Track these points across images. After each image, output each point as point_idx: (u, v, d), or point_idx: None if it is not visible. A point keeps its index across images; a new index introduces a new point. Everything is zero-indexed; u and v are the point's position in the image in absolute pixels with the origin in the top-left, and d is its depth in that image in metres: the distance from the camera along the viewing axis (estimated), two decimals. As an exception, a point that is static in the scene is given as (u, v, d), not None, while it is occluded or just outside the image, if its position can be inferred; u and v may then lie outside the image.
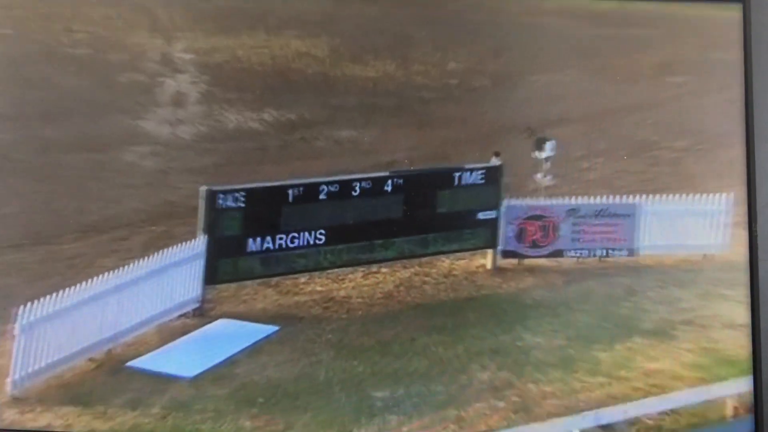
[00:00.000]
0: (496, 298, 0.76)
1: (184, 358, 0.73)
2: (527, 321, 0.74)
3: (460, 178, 0.80)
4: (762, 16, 0.59)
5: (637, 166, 0.82)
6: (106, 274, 0.73)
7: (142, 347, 0.73)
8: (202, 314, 0.74)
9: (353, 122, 0.76)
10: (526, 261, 0.80)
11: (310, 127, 0.77)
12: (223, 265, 0.76)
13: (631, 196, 0.83)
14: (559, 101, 0.79)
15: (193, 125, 0.79)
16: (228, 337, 0.73)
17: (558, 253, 0.80)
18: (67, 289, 0.72)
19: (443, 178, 0.79)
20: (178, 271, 0.75)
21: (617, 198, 0.82)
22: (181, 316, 0.74)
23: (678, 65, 0.82)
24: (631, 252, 0.80)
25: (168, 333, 0.74)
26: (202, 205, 0.75)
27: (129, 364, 0.72)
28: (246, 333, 0.73)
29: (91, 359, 0.72)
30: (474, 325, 0.74)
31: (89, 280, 0.72)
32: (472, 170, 0.80)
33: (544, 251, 0.80)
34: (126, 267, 0.73)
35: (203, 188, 0.75)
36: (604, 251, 0.80)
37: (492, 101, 0.78)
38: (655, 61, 0.83)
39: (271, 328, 0.73)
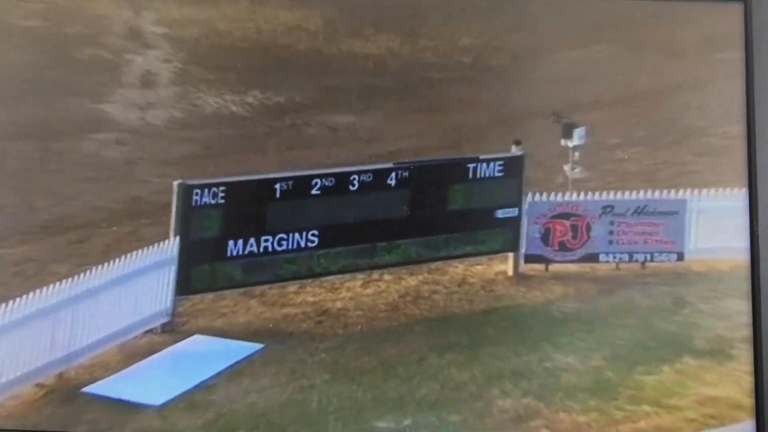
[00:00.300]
0: (519, 311, 0.71)
1: (150, 383, 0.67)
2: (556, 338, 0.69)
3: (475, 170, 0.75)
4: (763, 16, 0.60)
5: (683, 156, 0.75)
6: (58, 283, 0.69)
7: (101, 370, 0.68)
8: (172, 330, 0.70)
9: (351, 106, 0.74)
10: (554, 267, 0.74)
11: (302, 111, 0.74)
12: (198, 272, 0.71)
13: (676, 191, 0.75)
14: (590, 81, 0.75)
15: (166, 109, 0.73)
16: (203, 356, 0.68)
17: (591, 258, 0.74)
18: (11, 301, 0.68)
19: (456, 171, 0.74)
20: (144, 279, 0.70)
21: (660, 193, 0.75)
22: (147, 332, 0.69)
23: (727, 39, 0.74)
24: (679, 256, 0.75)
25: (132, 353, 0.68)
26: (174, 201, 0.70)
27: (85, 390, 0.67)
28: (225, 352, 0.68)
29: (39, 385, 0.67)
30: (493, 343, 0.69)
31: (38, 291, 0.69)
32: (489, 161, 0.75)
33: (575, 255, 0.74)
34: (83, 275, 0.70)
35: (176, 182, 0.71)
36: (647, 255, 0.75)
37: (512, 82, 0.74)
38: (700, 34, 0.75)
39: (254, 347, 0.68)
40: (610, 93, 0.74)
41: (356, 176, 0.72)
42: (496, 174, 0.74)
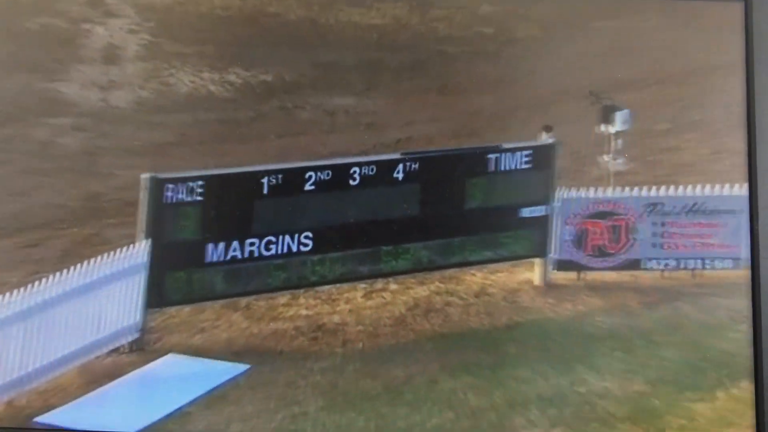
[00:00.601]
0: (548, 326, 0.66)
1: (117, 411, 0.62)
2: (591, 358, 0.64)
3: (497, 161, 0.69)
4: (764, 15, 0.60)
5: (744, 145, 0.67)
6: (8, 294, 0.64)
7: (58, 396, 0.63)
8: (142, 348, 0.65)
9: (351, 86, 0.68)
10: (589, 275, 0.69)
11: (293, 92, 0.68)
12: (172, 280, 0.66)
13: (734, 185, 0.68)
14: (634, 56, 0.68)
15: (132, 89, 0.68)
16: (179, 380, 0.64)
17: (634, 264, 0.68)
18: (-49, 316, 0.64)
19: (474, 162, 0.69)
20: (109, 289, 0.65)
21: (716, 188, 0.68)
22: (113, 351, 0.65)
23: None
24: (736, 263, 0.67)
25: (95, 375, 0.64)
26: (144, 198, 0.66)
27: (39, 419, 0.61)
28: (204, 374, 0.64)
29: (-15, 413, 0.64)
30: (517, 364, 0.64)
31: (-17, 303, 0.65)
32: (513, 151, 0.69)
33: (615, 261, 0.68)
34: (37, 284, 0.64)
35: (146, 176, 0.66)
36: (699, 262, 0.68)
37: (541, 57, 0.69)
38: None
39: (238, 368, 0.64)
40: (658, 70, 0.68)
41: (357, 169, 0.68)
42: (522, 166, 0.70)
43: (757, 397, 0.58)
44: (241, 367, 0.63)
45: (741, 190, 0.67)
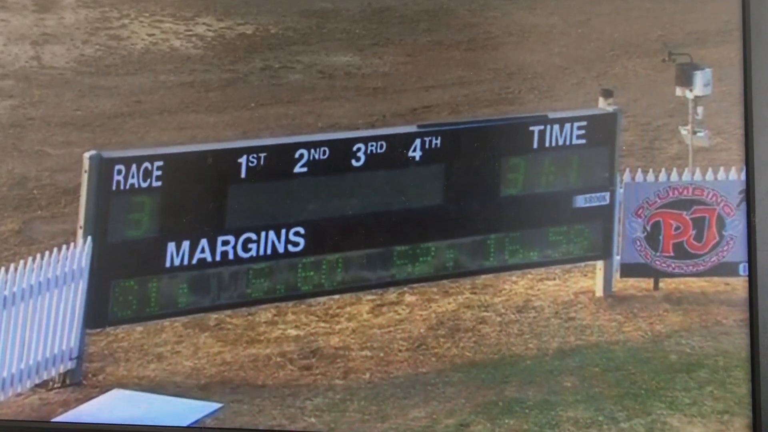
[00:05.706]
0: (614, 352, 0.58)
1: None
2: (674, 394, 0.56)
3: (542, 135, 0.62)
4: (762, 8, 0.61)
5: None
6: None
7: None
8: (78, 382, 0.58)
9: (354, 40, 0.62)
10: (667, 283, 0.60)
11: (279, 48, 0.62)
12: (120, 291, 0.59)
13: None
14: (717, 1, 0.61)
15: (73, 45, 0.61)
16: (126, 422, 0.56)
17: (726, 269, 0.59)
18: None
19: (513, 137, 0.62)
20: (36, 303, 0.57)
21: None
22: (38, 386, 0.57)
23: None
24: None
25: (13, 417, 0.57)
26: (86, 183, 0.58)
27: None
28: (160, 416, 0.56)
29: None
30: (575, 401, 0.56)
31: None
32: (563, 122, 0.62)
33: (702, 265, 0.60)
34: None
35: (88, 154, 0.58)
36: None
37: (597, 1, 0.62)
38: None
39: (206, 407, 0.57)
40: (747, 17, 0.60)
41: (362, 145, 0.60)
42: (575, 141, 0.61)
43: (755, 395, 0.54)
44: (210, 407, 0.55)
45: None
